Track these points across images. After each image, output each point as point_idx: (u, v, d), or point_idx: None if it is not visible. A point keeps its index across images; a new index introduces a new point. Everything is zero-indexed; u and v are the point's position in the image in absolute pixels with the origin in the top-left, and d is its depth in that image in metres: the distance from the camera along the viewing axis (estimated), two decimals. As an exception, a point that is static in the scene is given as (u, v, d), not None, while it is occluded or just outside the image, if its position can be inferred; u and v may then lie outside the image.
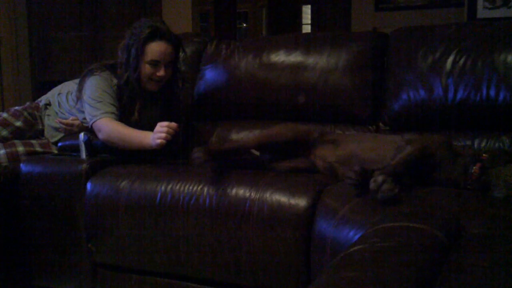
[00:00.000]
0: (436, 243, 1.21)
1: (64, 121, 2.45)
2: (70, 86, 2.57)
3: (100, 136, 2.27)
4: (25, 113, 2.56)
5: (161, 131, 2.06)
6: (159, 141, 2.05)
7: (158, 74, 2.36)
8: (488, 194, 1.64)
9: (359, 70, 2.45)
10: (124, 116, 2.37)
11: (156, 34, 2.33)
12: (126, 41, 2.37)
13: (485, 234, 1.31)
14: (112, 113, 2.30)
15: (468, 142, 2.17)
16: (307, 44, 2.59)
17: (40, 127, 2.57)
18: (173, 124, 2.07)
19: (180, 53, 2.50)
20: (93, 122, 2.29)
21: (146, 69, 2.35)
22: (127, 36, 2.39)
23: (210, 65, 2.74)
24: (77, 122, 2.44)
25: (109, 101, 2.33)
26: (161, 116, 2.44)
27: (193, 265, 1.95)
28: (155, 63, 2.34)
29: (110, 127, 2.25)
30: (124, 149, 2.25)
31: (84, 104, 2.36)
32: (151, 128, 2.16)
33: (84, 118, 2.40)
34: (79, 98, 2.41)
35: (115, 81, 2.39)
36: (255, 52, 2.65)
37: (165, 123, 2.07)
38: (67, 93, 2.53)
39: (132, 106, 2.38)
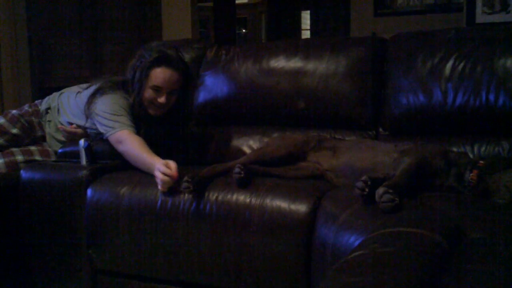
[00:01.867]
0: (436, 248, 1.21)
1: (67, 128, 2.44)
2: (72, 90, 2.56)
3: (121, 148, 2.23)
4: (22, 120, 2.53)
5: (159, 179, 2.00)
6: (162, 189, 2.02)
7: (159, 100, 2.31)
8: (488, 200, 1.64)
9: (358, 76, 2.46)
10: None
11: (163, 60, 2.30)
12: (134, 62, 2.35)
13: (486, 239, 1.31)
14: (132, 126, 2.27)
15: (468, 147, 2.17)
16: (306, 50, 2.60)
17: (39, 133, 2.55)
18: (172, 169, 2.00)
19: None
20: (113, 134, 2.25)
21: (148, 93, 2.31)
22: (136, 56, 2.36)
23: (210, 71, 2.74)
24: (79, 131, 2.43)
25: (129, 117, 2.30)
26: (164, 138, 2.42)
27: (193, 272, 1.95)
28: (157, 89, 2.30)
29: (131, 141, 2.21)
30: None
31: (97, 119, 2.32)
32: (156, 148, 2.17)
33: (86, 129, 2.40)
34: (88, 116, 2.37)
35: (130, 100, 2.35)
36: (255, 58, 2.66)
37: (164, 170, 1.99)
38: (68, 97, 2.52)
39: (137, 128, 2.33)
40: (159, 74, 2.29)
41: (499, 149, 2.11)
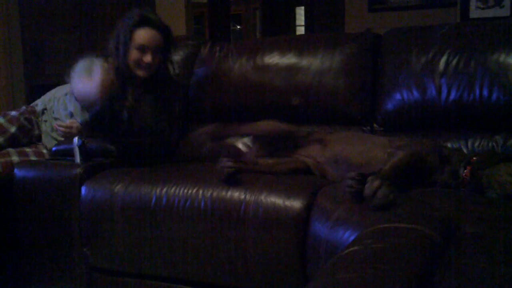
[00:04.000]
0: (431, 243, 1.21)
1: (62, 124, 2.44)
2: (64, 89, 2.57)
3: None
4: (21, 118, 2.53)
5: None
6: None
7: (144, 59, 2.38)
8: (482, 195, 1.64)
9: (353, 71, 2.46)
10: (118, 103, 2.39)
11: (144, 20, 2.39)
12: (116, 30, 2.43)
13: (481, 234, 1.32)
14: None
15: (462, 142, 2.18)
16: (301, 45, 2.59)
17: (36, 132, 2.56)
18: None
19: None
20: None
21: (134, 54, 2.38)
22: (117, 25, 2.45)
23: (204, 68, 2.74)
24: (75, 125, 2.43)
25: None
26: (155, 107, 2.45)
27: (189, 268, 1.95)
28: (142, 48, 2.37)
29: None
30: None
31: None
32: (145, 119, 2.27)
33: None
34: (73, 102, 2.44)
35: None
36: (249, 54, 2.65)
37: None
38: (59, 99, 2.54)
39: (124, 93, 2.40)
40: (143, 34, 2.38)
41: (493, 144, 2.12)
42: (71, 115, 2.49)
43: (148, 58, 2.38)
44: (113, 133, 2.36)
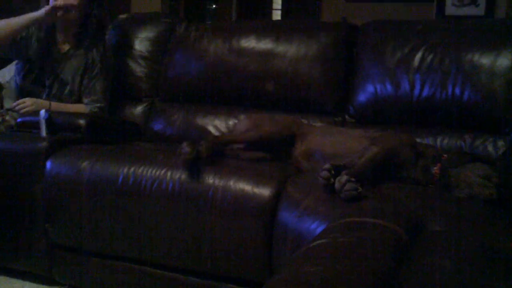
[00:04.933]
0: (397, 240, 1.23)
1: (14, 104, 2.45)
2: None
3: None
4: None
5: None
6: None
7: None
8: (450, 193, 1.66)
9: (328, 61, 2.45)
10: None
11: None
12: None
13: (446, 232, 1.34)
14: None
15: (431, 139, 2.20)
16: (277, 31, 2.57)
17: None
18: None
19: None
20: None
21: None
22: None
23: (178, 48, 2.69)
24: (29, 101, 2.44)
25: None
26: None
27: (153, 250, 1.93)
28: None
29: None
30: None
31: None
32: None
33: None
34: None
35: None
36: (225, 37, 2.62)
37: None
38: None
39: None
40: None
41: (461, 143, 2.15)
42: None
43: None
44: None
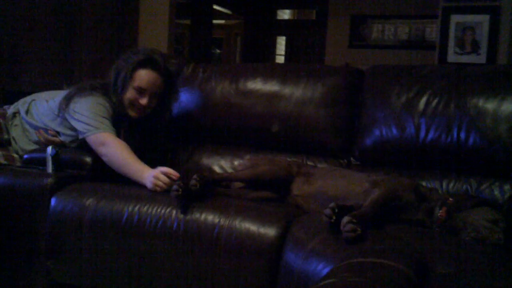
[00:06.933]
0: (406, 281, 1.21)
1: (46, 135, 2.38)
2: (44, 95, 2.52)
3: (104, 150, 2.20)
4: None
5: (162, 181, 2.03)
6: (155, 188, 2.03)
7: (140, 101, 2.33)
8: (456, 236, 1.66)
9: (334, 104, 2.48)
10: None
11: (149, 62, 2.34)
12: (119, 62, 2.37)
13: (452, 275, 1.32)
14: (115, 131, 2.26)
15: (437, 183, 2.20)
16: (284, 74, 2.61)
17: (5, 136, 2.49)
18: (176, 175, 2.04)
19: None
20: (95, 134, 2.22)
21: (131, 93, 2.33)
22: (121, 58, 2.39)
23: (186, 87, 2.72)
24: (57, 140, 2.38)
25: (111, 121, 2.30)
26: (142, 142, 2.43)
27: (155, 290, 1.90)
28: (140, 90, 2.33)
29: (116, 144, 2.20)
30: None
31: (75, 116, 2.28)
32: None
33: (58, 133, 2.37)
34: (63, 113, 2.33)
35: (111, 103, 2.35)
36: (232, 78, 2.66)
37: (167, 170, 2.04)
38: (40, 102, 2.48)
39: (117, 131, 2.32)
40: (144, 76, 2.33)
41: (467, 187, 2.14)
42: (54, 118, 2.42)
43: (144, 101, 2.33)
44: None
